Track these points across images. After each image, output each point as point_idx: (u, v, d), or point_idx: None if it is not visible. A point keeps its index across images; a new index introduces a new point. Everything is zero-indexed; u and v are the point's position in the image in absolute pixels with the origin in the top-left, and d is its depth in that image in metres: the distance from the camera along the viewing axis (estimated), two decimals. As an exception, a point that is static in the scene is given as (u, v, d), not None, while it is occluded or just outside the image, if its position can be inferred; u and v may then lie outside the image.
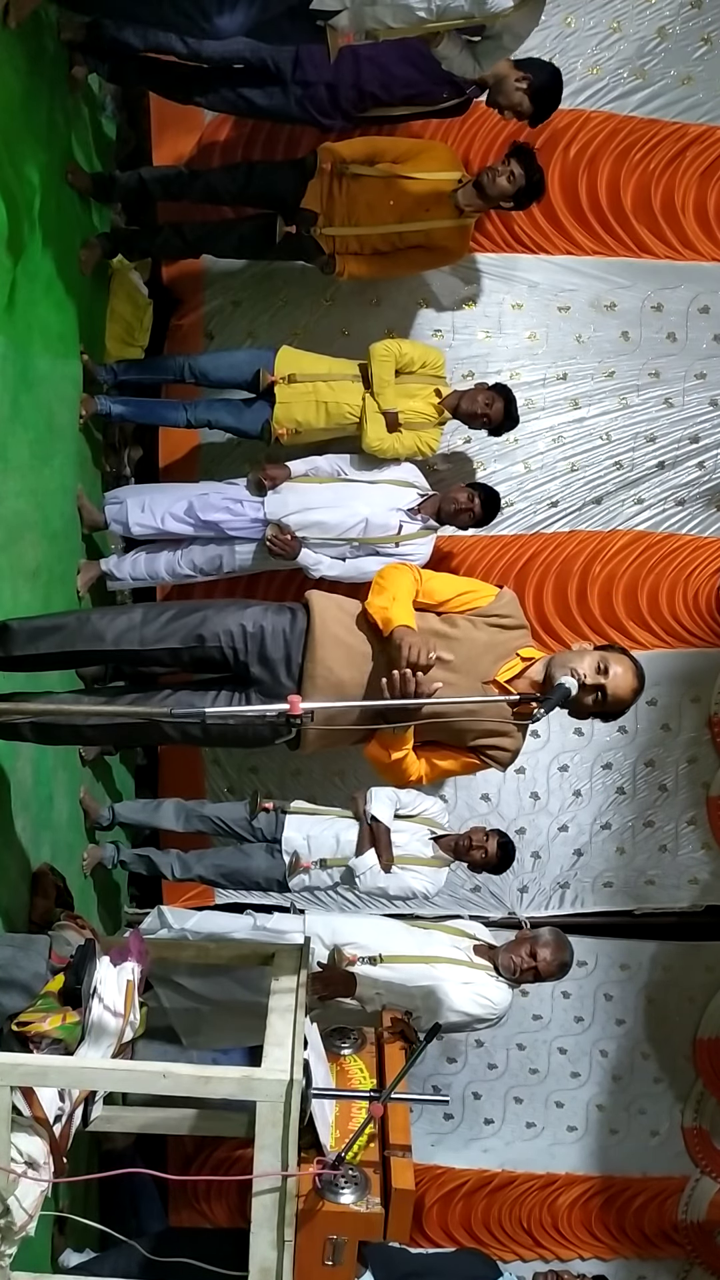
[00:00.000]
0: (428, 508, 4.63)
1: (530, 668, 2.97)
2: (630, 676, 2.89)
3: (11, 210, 3.57)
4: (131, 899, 5.47)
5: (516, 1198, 5.68)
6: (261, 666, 2.92)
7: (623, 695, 2.89)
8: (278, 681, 2.90)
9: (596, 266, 5.11)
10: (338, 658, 2.90)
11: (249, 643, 2.92)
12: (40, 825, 3.96)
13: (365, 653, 2.92)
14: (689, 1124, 5.73)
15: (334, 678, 2.89)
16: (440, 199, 4.48)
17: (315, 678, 2.88)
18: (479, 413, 4.60)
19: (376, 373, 4.51)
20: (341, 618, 2.98)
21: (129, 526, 4.62)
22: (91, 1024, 2.54)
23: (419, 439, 4.63)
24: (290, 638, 2.93)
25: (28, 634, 3.05)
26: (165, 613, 3.02)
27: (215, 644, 2.94)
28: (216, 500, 4.61)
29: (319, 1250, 3.00)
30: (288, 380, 4.55)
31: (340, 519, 4.55)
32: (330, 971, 4.23)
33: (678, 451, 5.24)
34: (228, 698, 2.94)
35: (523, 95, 4.21)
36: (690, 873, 5.54)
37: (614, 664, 2.87)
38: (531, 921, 5.26)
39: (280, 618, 2.98)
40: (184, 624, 2.97)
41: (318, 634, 2.92)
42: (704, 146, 5.02)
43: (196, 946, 3.38)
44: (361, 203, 4.45)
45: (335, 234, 4.48)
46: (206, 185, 4.55)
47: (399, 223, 4.49)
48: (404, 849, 4.58)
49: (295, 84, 4.26)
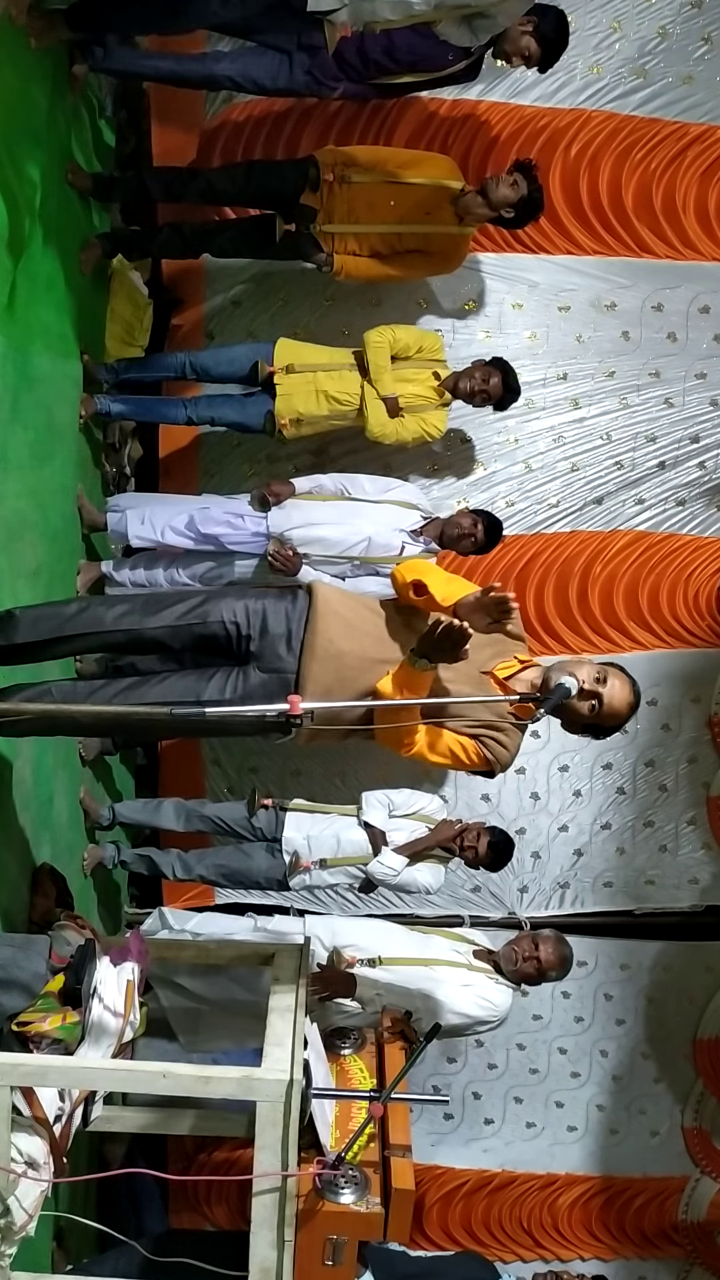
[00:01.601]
0: (430, 530, 4.63)
1: (526, 670, 2.99)
2: (626, 692, 2.91)
3: (11, 210, 3.57)
4: (131, 899, 5.47)
5: (517, 1198, 5.68)
6: (262, 639, 2.97)
7: (618, 708, 2.90)
8: (278, 655, 2.95)
9: (597, 266, 5.11)
10: (338, 629, 2.95)
11: (250, 618, 2.98)
12: (40, 825, 3.96)
13: (366, 630, 2.97)
14: (689, 1124, 5.73)
15: (334, 648, 2.93)
16: (440, 204, 4.48)
17: (315, 648, 2.93)
18: (478, 389, 4.63)
19: (372, 359, 4.51)
20: (344, 599, 3.06)
21: (128, 537, 4.63)
22: (91, 1024, 2.54)
23: (422, 422, 4.63)
24: (292, 614, 3.00)
25: (31, 620, 3.08)
26: (167, 596, 3.08)
27: (217, 619, 2.99)
28: (217, 514, 4.61)
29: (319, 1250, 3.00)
30: (286, 371, 4.55)
31: (343, 536, 4.54)
32: (330, 971, 4.23)
33: (678, 451, 5.24)
34: (224, 677, 2.96)
35: (530, 39, 4.20)
36: (690, 873, 5.54)
37: (612, 676, 2.89)
38: (531, 921, 5.26)
39: (282, 599, 3.05)
40: (185, 603, 3.02)
41: (319, 608, 2.98)
42: (705, 146, 5.02)
43: (196, 947, 3.38)
44: (362, 201, 4.45)
45: (335, 231, 4.47)
46: (206, 185, 4.55)
47: (399, 223, 4.49)
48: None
49: (301, 50, 4.23)
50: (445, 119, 4.91)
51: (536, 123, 4.94)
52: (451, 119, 4.91)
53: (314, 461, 5.11)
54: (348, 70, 4.27)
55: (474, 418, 5.13)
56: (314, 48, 4.19)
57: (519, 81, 4.91)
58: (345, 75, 4.30)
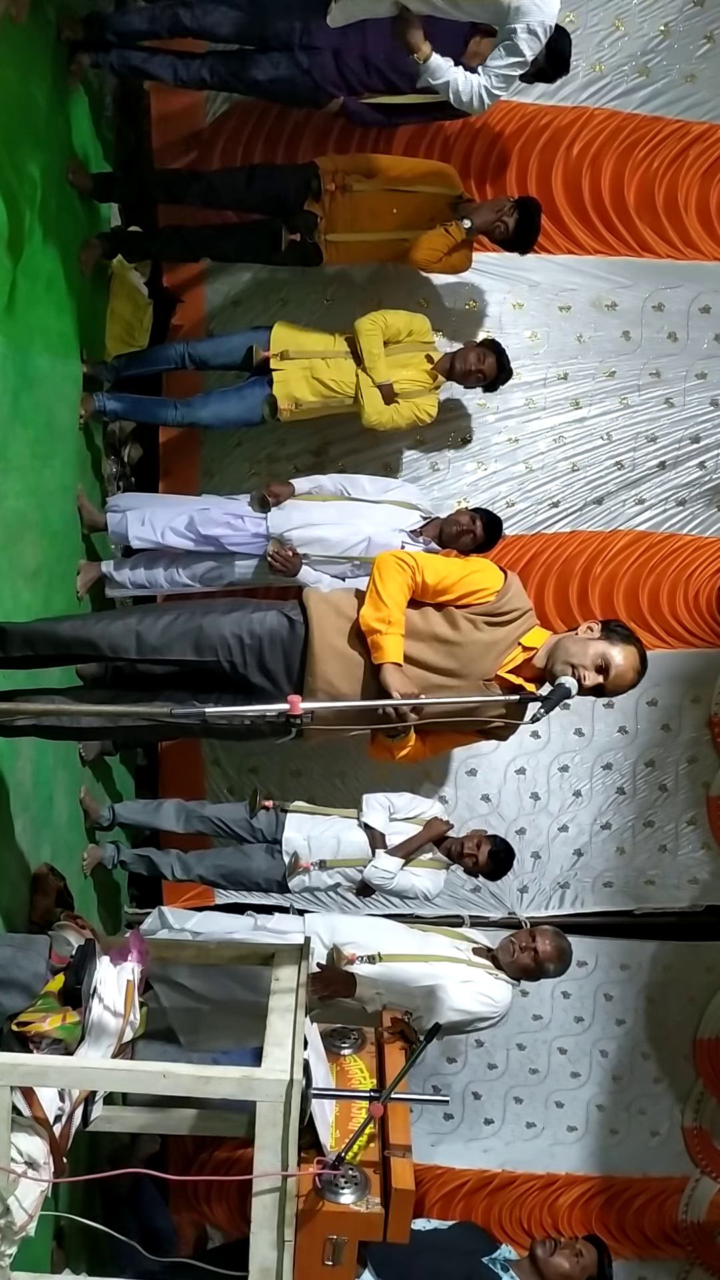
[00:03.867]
0: (430, 531, 4.63)
1: (534, 657, 2.97)
2: (631, 665, 2.90)
3: (11, 210, 3.57)
4: (131, 899, 5.47)
5: (517, 1198, 5.68)
6: (263, 676, 2.96)
7: (623, 685, 2.93)
8: (280, 690, 2.92)
9: (598, 266, 5.11)
10: (335, 670, 2.94)
11: (247, 655, 2.95)
12: (40, 825, 3.96)
13: (360, 662, 2.95)
14: (689, 1124, 5.73)
15: (333, 690, 2.92)
16: (442, 212, 4.49)
17: (315, 691, 2.91)
18: (472, 370, 4.65)
19: (366, 347, 4.50)
20: (338, 624, 2.99)
21: (128, 538, 4.62)
22: (91, 1024, 2.54)
23: (415, 407, 4.64)
24: (289, 647, 2.96)
25: (23, 638, 3.07)
26: (162, 618, 3.01)
27: (213, 658, 2.96)
28: (217, 515, 4.61)
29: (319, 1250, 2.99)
30: (281, 357, 4.54)
31: (343, 537, 4.54)
32: (330, 971, 4.23)
33: (679, 451, 5.24)
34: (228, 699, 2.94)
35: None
36: (690, 873, 5.54)
37: (614, 656, 2.87)
38: (531, 921, 5.26)
39: (280, 626, 2.98)
40: (181, 635, 2.97)
41: (316, 647, 2.94)
42: (707, 145, 5.01)
43: (196, 946, 3.38)
44: (365, 209, 4.44)
45: (338, 240, 4.47)
46: (207, 187, 4.54)
47: (403, 229, 4.49)
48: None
49: (301, 50, 4.21)
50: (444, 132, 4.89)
51: (538, 121, 4.94)
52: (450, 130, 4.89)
53: (314, 462, 5.10)
54: (347, 75, 4.27)
55: (475, 418, 5.14)
56: (314, 48, 4.20)
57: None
58: (345, 82, 4.30)
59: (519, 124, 4.94)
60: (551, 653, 2.93)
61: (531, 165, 4.97)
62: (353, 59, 4.24)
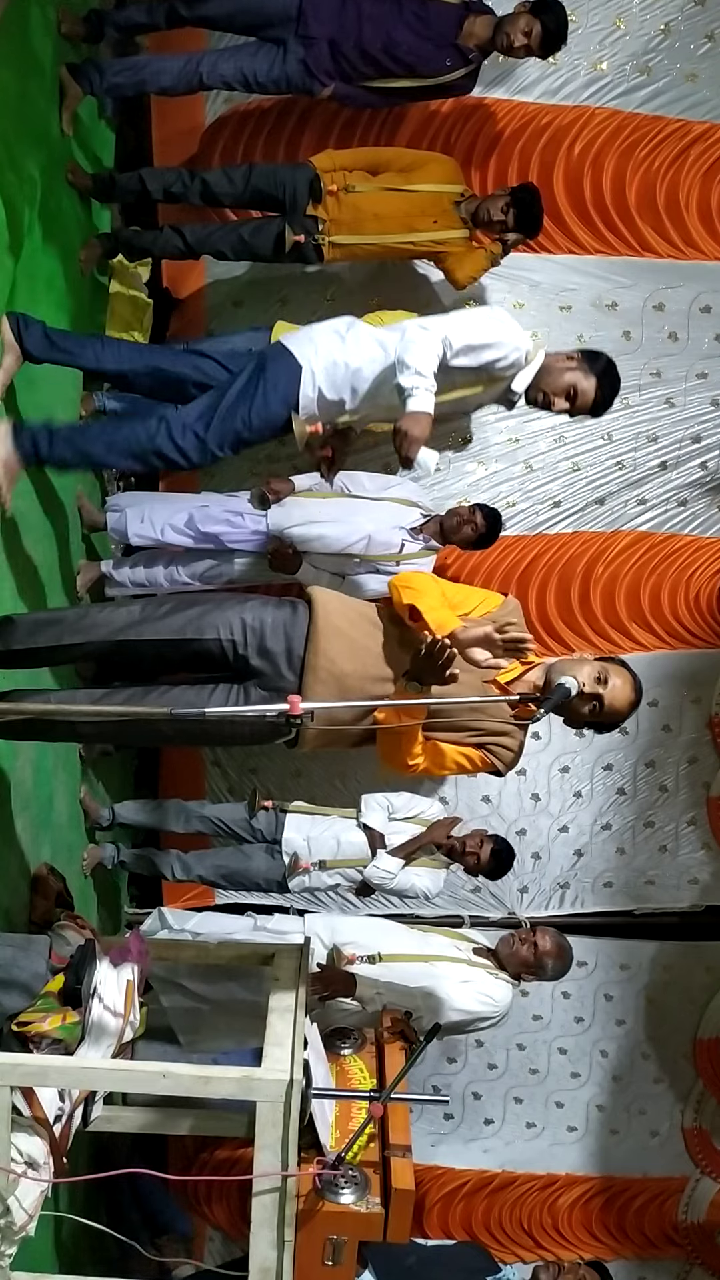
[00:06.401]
0: (430, 528, 4.63)
1: (529, 672, 2.97)
2: (628, 690, 2.89)
3: (11, 210, 3.56)
4: (131, 899, 5.47)
5: (517, 1198, 5.68)
6: (262, 658, 2.90)
7: (619, 707, 2.89)
8: (279, 674, 2.88)
9: (598, 265, 5.11)
10: (340, 649, 2.89)
11: (249, 636, 2.90)
12: (40, 825, 3.96)
13: (367, 646, 2.91)
14: (689, 1124, 5.73)
15: (336, 669, 2.87)
16: (445, 212, 4.47)
17: (317, 669, 2.86)
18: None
19: None
20: (345, 611, 2.98)
21: (128, 536, 4.62)
22: (91, 1024, 2.54)
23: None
24: (291, 630, 2.91)
25: (28, 627, 3.06)
26: (164, 605, 3.01)
27: (214, 637, 2.91)
28: (217, 512, 4.60)
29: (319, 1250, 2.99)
30: None
31: (343, 534, 4.53)
32: (330, 971, 4.23)
33: (679, 451, 5.24)
34: (225, 693, 2.91)
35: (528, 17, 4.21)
36: (690, 873, 5.54)
37: (613, 675, 2.87)
38: (531, 921, 5.26)
39: (281, 611, 2.97)
40: (183, 616, 2.96)
41: (320, 625, 2.90)
42: (708, 144, 5.01)
43: (196, 947, 3.38)
44: (369, 211, 4.43)
45: (343, 242, 4.46)
46: (206, 187, 4.53)
47: (408, 232, 4.48)
48: (404, 850, 4.58)
49: (297, 40, 4.21)
50: (447, 116, 4.90)
51: (540, 119, 4.94)
52: (454, 116, 4.90)
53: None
54: (342, 64, 4.27)
55: (475, 418, 5.14)
56: (310, 38, 4.20)
57: (522, 78, 4.90)
58: (340, 70, 4.29)
59: (520, 123, 4.94)
60: (549, 670, 2.93)
61: (533, 165, 4.96)
62: (348, 47, 4.25)
